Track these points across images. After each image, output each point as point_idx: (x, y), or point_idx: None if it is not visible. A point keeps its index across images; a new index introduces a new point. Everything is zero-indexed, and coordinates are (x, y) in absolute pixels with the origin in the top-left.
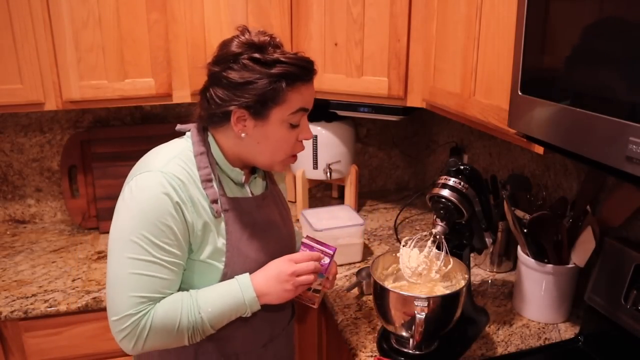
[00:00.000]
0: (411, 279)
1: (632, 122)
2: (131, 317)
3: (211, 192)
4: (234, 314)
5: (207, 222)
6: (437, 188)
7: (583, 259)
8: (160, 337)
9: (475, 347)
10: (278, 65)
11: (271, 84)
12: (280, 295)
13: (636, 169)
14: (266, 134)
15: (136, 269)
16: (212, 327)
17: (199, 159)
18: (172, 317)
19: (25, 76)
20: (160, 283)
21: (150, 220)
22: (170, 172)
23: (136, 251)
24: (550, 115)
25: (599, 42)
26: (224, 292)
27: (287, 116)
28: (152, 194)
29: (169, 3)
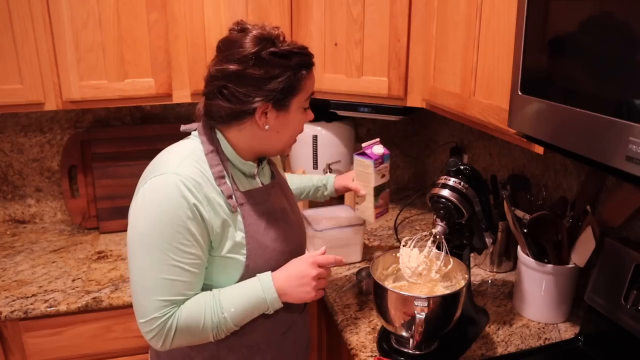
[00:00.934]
0: (411, 279)
1: (632, 122)
2: (157, 320)
3: (225, 188)
4: (257, 312)
5: (225, 218)
6: (437, 188)
7: (583, 259)
8: (186, 336)
9: (475, 347)
10: (294, 56)
11: (294, 75)
12: (300, 296)
13: (636, 169)
14: (287, 122)
15: (158, 273)
16: (235, 325)
17: (210, 157)
18: (196, 318)
19: (25, 76)
20: (182, 285)
21: (168, 223)
22: (184, 174)
23: (156, 256)
24: (550, 115)
25: (599, 42)
26: (246, 291)
27: (302, 102)
28: (169, 197)
29: (169, 3)
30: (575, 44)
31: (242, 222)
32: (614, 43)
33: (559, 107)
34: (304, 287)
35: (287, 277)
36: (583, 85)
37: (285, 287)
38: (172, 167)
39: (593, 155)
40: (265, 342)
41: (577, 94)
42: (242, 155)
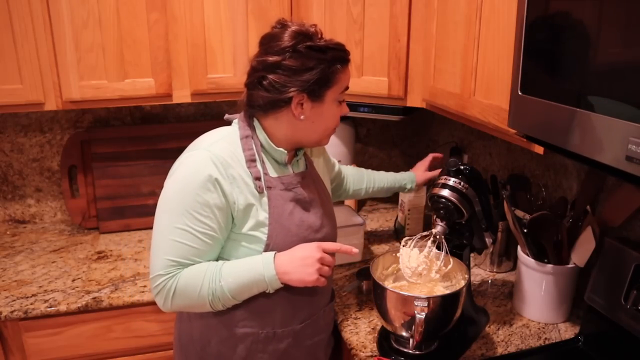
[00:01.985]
0: (411, 279)
1: (632, 122)
2: (161, 277)
3: (254, 170)
4: (255, 287)
5: (250, 197)
6: (437, 188)
7: (583, 259)
8: (184, 299)
9: (475, 347)
10: (329, 51)
11: (329, 68)
12: (301, 277)
13: (636, 169)
14: (321, 114)
15: (171, 234)
16: (232, 297)
17: (244, 141)
18: (194, 282)
19: (25, 76)
20: (190, 251)
21: (189, 192)
22: (214, 151)
23: (173, 219)
24: (550, 115)
25: (599, 42)
26: (247, 265)
27: (338, 95)
28: (194, 169)
29: (169, 3)
30: (575, 44)
31: (267, 204)
32: (614, 43)
33: (559, 107)
34: (306, 268)
35: (291, 257)
36: (583, 85)
37: (286, 266)
38: (205, 145)
39: (593, 155)
40: (282, 329)
41: (577, 94)
42: (275, 143)
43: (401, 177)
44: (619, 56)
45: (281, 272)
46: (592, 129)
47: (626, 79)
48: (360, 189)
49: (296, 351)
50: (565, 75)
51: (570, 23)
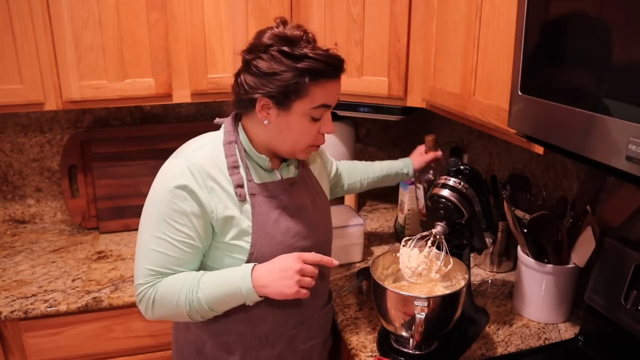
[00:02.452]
0: (411, 279)
1: (632, 122)
2: (141, 286)
3: (236, 177)
4: (233, 300)
5: (232, 206)
6: (437, 188)
7: (583, 259)
8: (163, 308)
9: (475, 347)
10: (305, 60)
11: (295, 78)
12: (280, 290)
13: (636, 169)
14: (288, 124)
15: (150, 244)
16: (210, 309)
17: (227, 147)
18: (172, 292)
19: (25, 76)
20: (169, 259)
21: (165, 201)
22: (192, 159)
23: (152, 228)
24: (550, 115)
25: (598, 42)
26: (225, 277)
27: (308, 110)
28: (170, 178)
29: (169, 3)
30: (575, 44)
31: (250, 212)
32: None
33: (559, 107)
34: (285, 281)
35: (270, 270)
36: (583, 85)
37: (265, 279)
38: (186, 152)
39: (593, 155)
40: (274, 335)
41: (577, 94)
42: (256, 148)
43: (396, 163)
44: (619, 56)
45: (259, 285)
46: (592, 129)
47: (626, 79)
48: (355, 182)
49: (290, 356)
50: (565, 75)
51: (570, 23)
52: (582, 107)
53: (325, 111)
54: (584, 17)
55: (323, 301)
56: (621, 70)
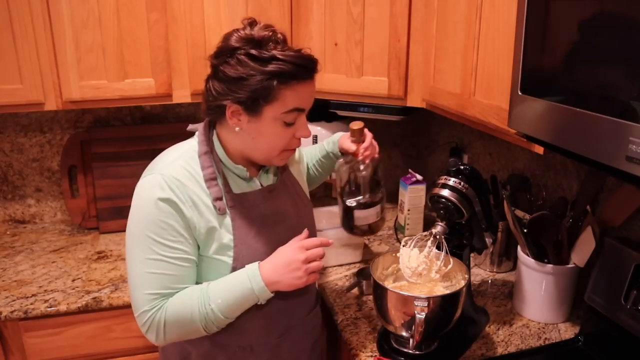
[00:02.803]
0: (411, 279)
1: (632, 122)
2: (147, 313)
3: (214, 190)
4: (246, 302)
5: (212, 220)
6: (437, 188)
7: (583, 259)
8: (177, 329)
9: (475, 347)
10: (273, 63)
11: (262, 82)
12: (291, 282)
13: (636, 169)
14: (260, 130)
15: (145, 267)
16: (225, 317)
17: (202, 158)
18: (184, 310)
19: (25, 76)
20: (169, 279)
21: (151, 220)
22: (169, 174)
23: (143, 251)
24: (550, 115)
25: (599, 42)
26: (234, 282)
27: (280, 114)
28: (151, 196)
29: (169, 3)
30: (575, 44)
31: (230, 225)
32: (614, 43)
33: (559, 107)
34: (293, 273)
35: (274, 266)
36: (583, 85)
37: (273, 275)
38: (160, 167)
39: (593, 155)
40: (258, 344)
41: (577, 94)
42: (232, 158)
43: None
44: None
45: (270, 282)
46: (592, 129)
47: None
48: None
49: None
50: (565, 75)
51: (570, 23)
52: (582, 107)
53: (299, 115)
54: (584, 17)
55: (309, 305)
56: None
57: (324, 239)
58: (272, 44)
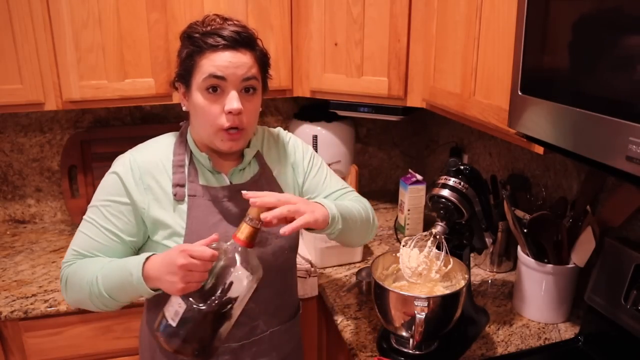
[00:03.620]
0: (411, 279)
1: (632, 122)
2: (64, 264)
3: (177, 176)
4: (128, 288)
5: (167, 205)
6: (437, 188)
7: (583, 259)
8: (71, 289)
9: (475, 347)
10: (195, 37)
11: (190, 57)
12: (166, 286)
13: (636, 169)
14: (194, 105)
15: (82, 227)
16: (108, 294)
17: (176, 145)
18: (81, 273)
19: (25, 76)
20: (93, 244)
21: (101, 190)
22: (135, 156)
23: (87, 214)
24: (550, 115)
25: (598, 42)
26: (124, 264)
27: (200, 82)
28: (112, 169)
29: (169, 3)
30: (575, 44)
31: (185, 213)
32: (614, 43)
33: (558, 107)
34: (169, 276)
35: (161, 262)
36: (583, 85)
37: (153, 271)
38: (134, 150)
39: (593, 155)
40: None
41: (577, 94)
42: (198, 146)
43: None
44: (619, 55)
45: (149, 276)
46: (592, 129)
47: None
48: None
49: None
50: (565, 75)
51: (570, 23)
52: (582, 107)
53: (221, 83)
54: (584, 17)
55: (279, 319)
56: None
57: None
58: (209, 26)
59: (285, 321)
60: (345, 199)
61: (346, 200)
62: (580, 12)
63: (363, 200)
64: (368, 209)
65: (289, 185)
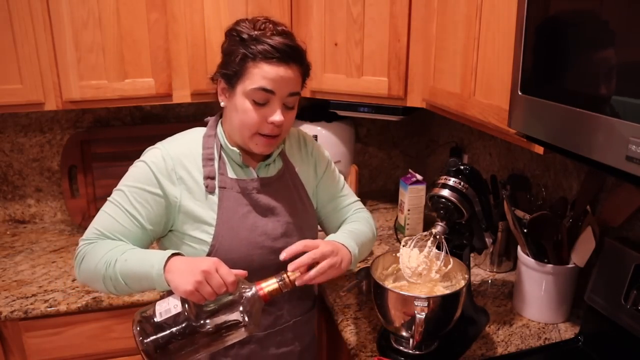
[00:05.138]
0: (411, 279)
1: (632, 122)
2: (82, 242)
3: (208, 169)
4: (144, 278)
5: (200, 197)
6: (437, 188)
7: (583, 259)
8: (87, 266)
9: (475, 347)
10: (253, 43)
11: (240, 59)
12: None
13: (636, 169)
14: (235, 106)
15: (106, 207)
16: (123, 279)
17: (205, 140)
18: (99, 252)
19: (25, 76)
20: (115, 225)
21: (130, 177)
22: (167, 148)
23: (114, 196)
24: (550, 115)
25: (599, 42)
26: (149, 254)
27: (249, 90)
28: (143, 159)
29: (169, 3)
30: (575, 44)
31: (216, 204)
32: (614, 43)
33: (559, 107)
34: (187, 275)
35: (186, 261)
36: (583, 85)
37: (176, 266)
38: (164, 143)
39: (593, 155)
40: None
41: (577, 94)
42: (230, 141)
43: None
44: (619, 56)
45: (168, 270)
46: (592, 129)
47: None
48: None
49: (259, 359)
50: (566, 75)
51: (571, 23)
52: (582, 107)
53: (269, 97)
54: (584, 17)
55: (301, 308)
56: (621, 70)
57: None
58: (261, 30)
59: (305, 312)
60: (357, 214)
61: (357, 222)
62: (580, 11)
63: (368, 217)
64: (373, 225)
65: (310, 182)
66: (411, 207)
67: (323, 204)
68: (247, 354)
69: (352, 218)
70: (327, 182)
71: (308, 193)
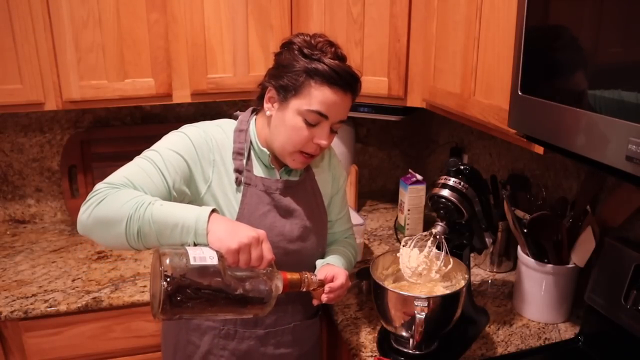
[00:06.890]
0: (411, 279)
1: (632, 122)
2: (108, 184)
3: (237, 163)
4: (180, 224)
5: (227, 187)
6: (437, 188)
7: (583, 259)
8: (109, 205)
9: (475, 347)
10: (316, 62)
11: (299, 74)
12: (224, 237)
13: (636, 169)
14: (283, 119)
15: (139, 160)
16: (152, 222)
17: (237, 134)
18: (132, 193)
19: (25, 76)
20: (145, 179)
21: (169, 142)
22: (208, 131)
23: (148, 154)
24: (550, 115)
25: (598, 42)
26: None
27: (303, 110)
28: (182, 132)
29: (169, 3)
30: (575, 44)
31: (240, 199)
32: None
33: (559, 107)
34: (234, 234)
35: (232, 221)
36: (583, 85)
37: (222, 221)
38: (205, 125)
39: (593, 155)
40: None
41: (577, 94)
42: (261, 142)
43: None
44: (619, 56)
45: (212, 220)
46: (592, 129)
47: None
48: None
49: (258, 356)
50: (565, 75)
51: (570, 23)
52: (582, 107)
53: (321, 120)
54: (584, 17)
55: (304, 314)
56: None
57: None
58: (324, 52)
59: (307, 318)
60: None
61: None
62: (580, 11)
63: (354, 244)
64: (356, 251)
65: (327, 193)
66: (411, 207)
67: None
68: (246, 349)
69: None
70: (337, 199)
71: (323, 201)
